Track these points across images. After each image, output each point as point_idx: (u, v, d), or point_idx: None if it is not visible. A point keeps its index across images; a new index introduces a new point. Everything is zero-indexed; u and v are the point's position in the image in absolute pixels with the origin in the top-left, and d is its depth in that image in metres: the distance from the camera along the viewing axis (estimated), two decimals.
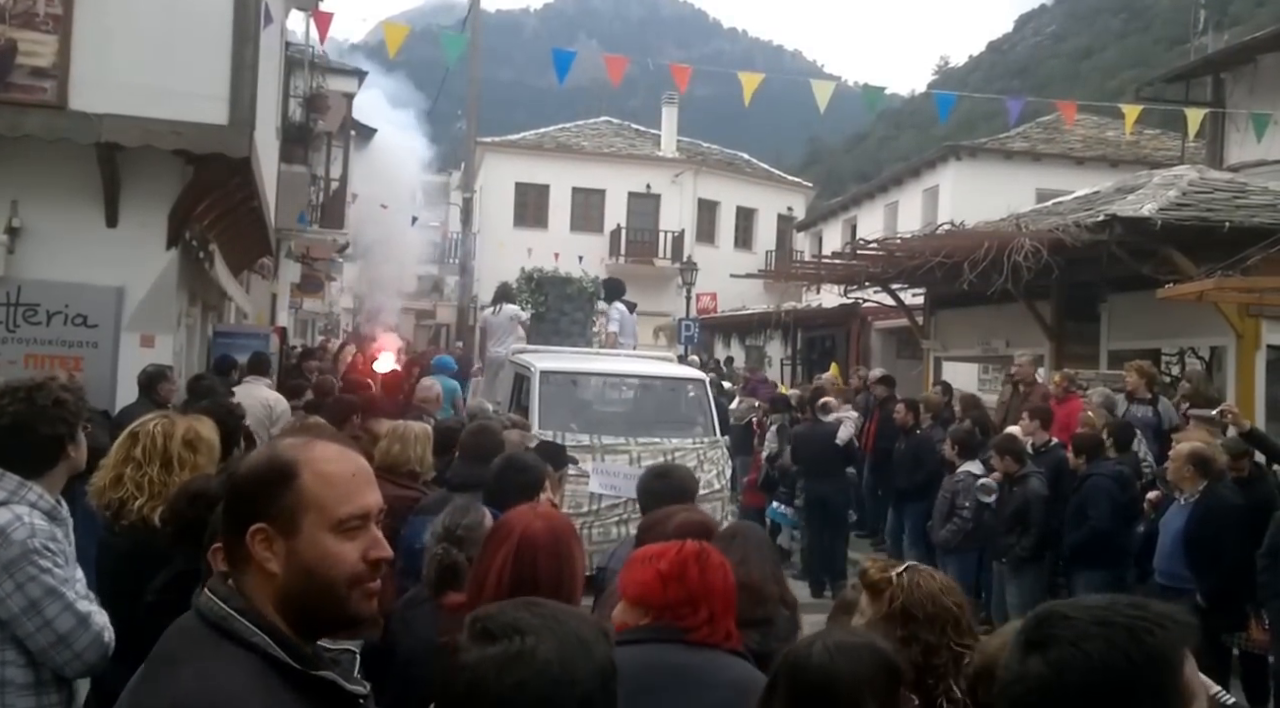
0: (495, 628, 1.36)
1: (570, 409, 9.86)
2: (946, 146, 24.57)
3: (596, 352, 12.37)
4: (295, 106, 14.90)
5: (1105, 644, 1.31)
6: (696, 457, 9.11)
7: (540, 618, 1.38)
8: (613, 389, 11.04)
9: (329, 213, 18.59)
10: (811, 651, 2.12)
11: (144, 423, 3.75)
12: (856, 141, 75.51)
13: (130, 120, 7.59)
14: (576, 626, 1.39)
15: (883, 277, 15.50)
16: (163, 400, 7.01)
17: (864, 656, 2.11)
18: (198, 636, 1.68)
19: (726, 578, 2.61)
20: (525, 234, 30.89)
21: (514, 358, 10.85)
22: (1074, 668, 1.31)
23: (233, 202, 9.73)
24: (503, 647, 1.34)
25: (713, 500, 8.81)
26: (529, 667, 1.32)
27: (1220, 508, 6.79)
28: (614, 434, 9.21)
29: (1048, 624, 1.36)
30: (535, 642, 1.34)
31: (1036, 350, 12.92)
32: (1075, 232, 10.65)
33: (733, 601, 2.61)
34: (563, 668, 1.33)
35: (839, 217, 30.02)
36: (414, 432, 5.55)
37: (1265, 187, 12.08)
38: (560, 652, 1.34)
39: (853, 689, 2.04)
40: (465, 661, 1.35)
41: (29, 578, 2.90)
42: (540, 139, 34.03)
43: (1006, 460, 8.27)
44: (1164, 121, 24.69)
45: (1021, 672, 1.35)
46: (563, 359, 10.73)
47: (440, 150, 38.65)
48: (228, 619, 1.66)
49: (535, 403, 9.29)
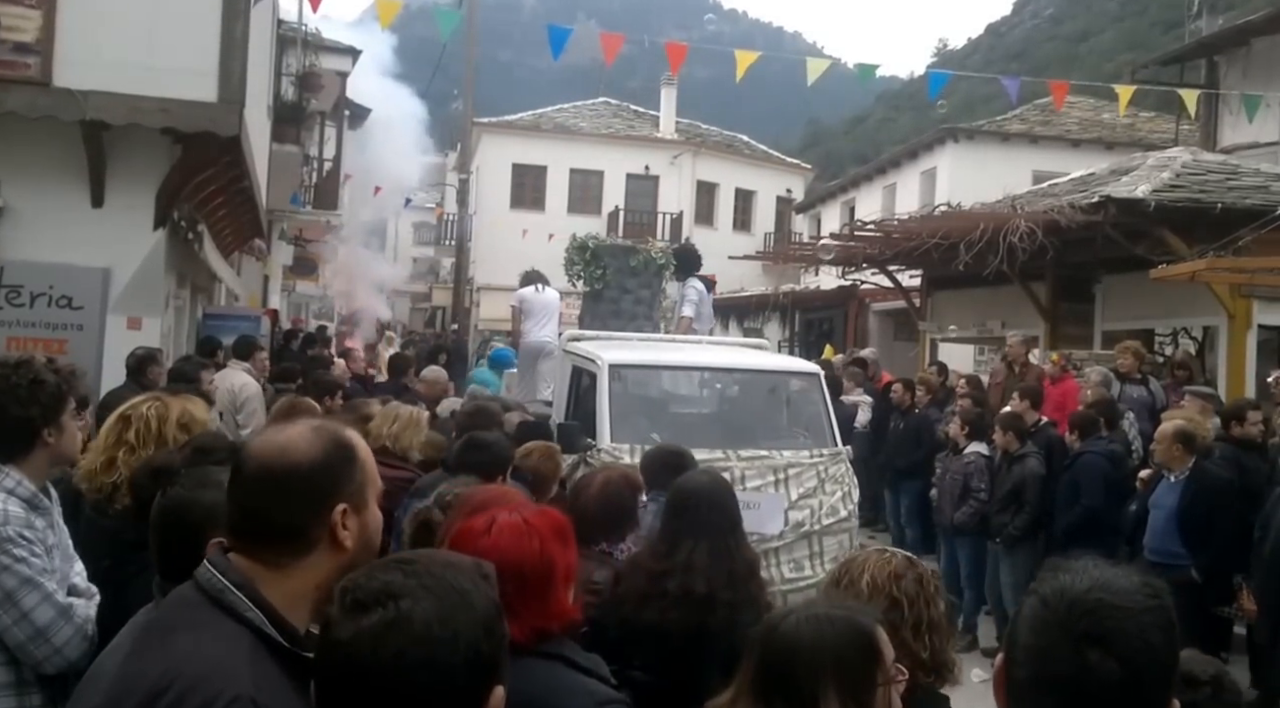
0: (366, 597, 1.29)
1: (649, 415, 7.90)
2: (944, 129, 24.48)
3: (671, 338, 9.85)
4: (287, 85, 14.77)
5: (1162, 634, 1.35)
6: (816, 475, 7.03)
7: (413, 576, 1.31)
8: (703, 388, 8.93)
9: (322, 194, 18.49)
10: (783, 621, 2.09)
11: (135, 406, 3.66)
12: (855, 124, 75.22)
13: (116, 97, 7.48)
14: (453, 577, 1.32)
15: (880, 258, 15.49)
16: (151, 384, 6.94)
17: (836, 628, 2.05)
18: (195, 607, 1.69)
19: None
20: (522, 216, 30.78)
21: (570, 347, 8.42)
22: (1143, 661, 1.33)
23: (222, 181, 9.62)
24: (377, 616, 1.27)
25: (839, 532, 6.90)
26: (407, 633, 1.26)
27: (1211, 484, 6.85)
28: (708, 447, 6.85)
29: (1103, 616, 1.35)
30: (411, 605, 1.28)
31: (1031, 331, 12.92)
32: (1070, 213, 10.67)
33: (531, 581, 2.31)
34: (443, 626, 1.27)
35: (837, 198, 29.93)
36: (406, 414, 5.53)
37: (1257, 168, 12.10)
38: (439, 609, 1.28)
39: (812, 661, 1.99)
40: (339, 636, 1.29)
41: (1, 568, 2.75)
42: (538, 120, 33.86)
43: (1009, 436, 8.28)
44: (1159, 104, 24.61)
45: (1086, 667, 1.33)
46: (634, 349, 8.49)
47: (437, 131, 38.53)
48: (225, 593, 1.67)
49: (604, 406, 7.04)
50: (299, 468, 1.74)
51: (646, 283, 11.66)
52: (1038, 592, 1.42)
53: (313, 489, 1.74)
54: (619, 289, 11.56)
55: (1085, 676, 1.32)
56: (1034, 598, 1.41)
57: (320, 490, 1.74)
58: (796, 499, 6.83)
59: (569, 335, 8.95)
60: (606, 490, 3.80)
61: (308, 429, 1.81)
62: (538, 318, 10.71)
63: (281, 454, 1.75)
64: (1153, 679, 1.34)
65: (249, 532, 1.75)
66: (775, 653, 2.04)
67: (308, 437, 1.78)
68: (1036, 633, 1.38)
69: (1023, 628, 1.41)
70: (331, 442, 1.78)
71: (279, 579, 1.71)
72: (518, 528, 2.33)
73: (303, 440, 1.77)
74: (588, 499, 3.75)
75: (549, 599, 2.32)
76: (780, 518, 6.65)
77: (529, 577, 2.28)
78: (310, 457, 1.75)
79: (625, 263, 11.63)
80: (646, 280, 11.67)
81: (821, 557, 6.84)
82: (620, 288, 11.55)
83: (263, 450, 1.78)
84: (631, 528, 3.91)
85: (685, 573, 3.41)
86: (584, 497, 3.77)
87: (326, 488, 1.74)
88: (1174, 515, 6.89)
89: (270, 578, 1.71)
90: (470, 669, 1.27)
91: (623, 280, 11.57)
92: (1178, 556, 6.80)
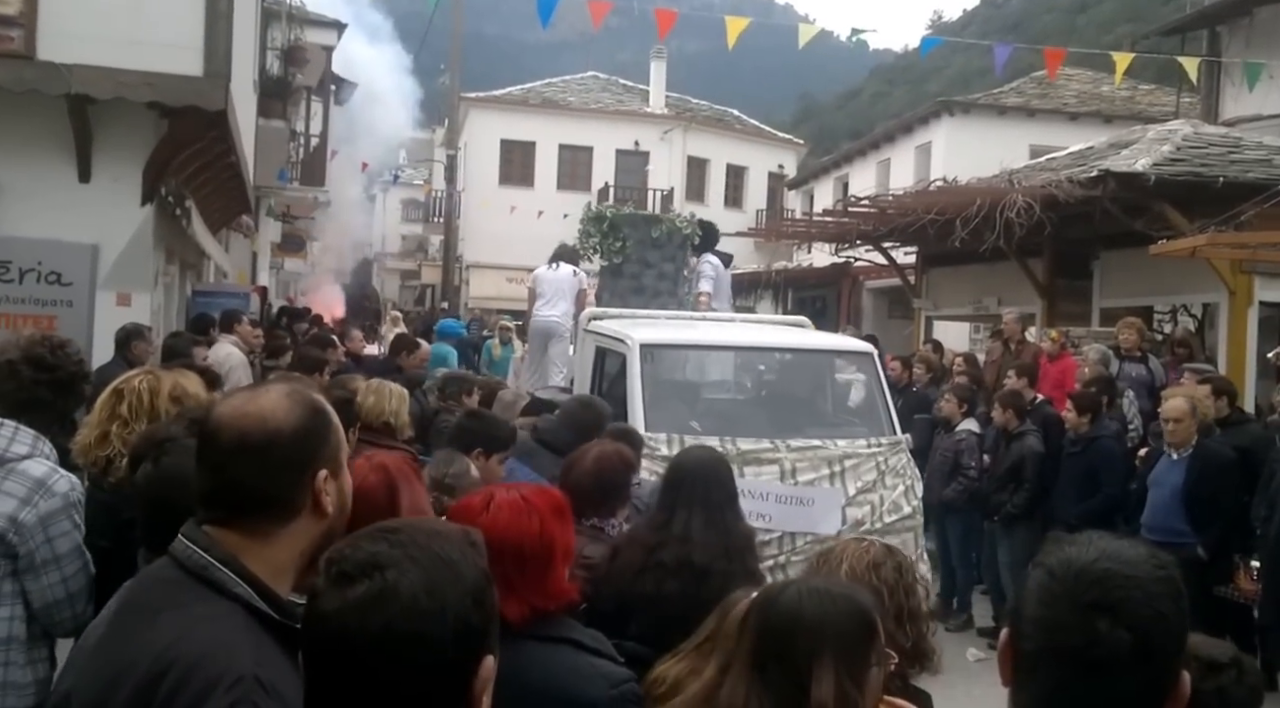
0: (352, 568, 1.24)
1: (686, 400, 7.27)
2: (939, 102, 24.38)
3: (703, 316, 9.16)
4: (273, 59, 14.59)
5: (1172, 603, 1.34)
6: (876, 467, 6.41)
7: (399, 547, 1.26)
8: (744, 370, 8.20)
9: (309, 170, 18.36)
10: (784, 592, 2.10)
11: (128, 379, 3.70)
12: (848, 98, 74.97)
13: (101, 71, 7.43)
14: (440, 546, 1.27)
15: (874, 235, 15.40)
16: (138, 360, 6.88)
17: (837, 604, 2.06)
18: (177, 585, 1.65)
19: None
20: (511, 192, 30.64)
21: (593, 327, 7.73)
22: (1154, 630, 1.32)
23: (209, 156, 9.56)
24: (364, 588, 1.22)
25: (902, 531, 6.25)
26: (394, 605, 1.21)
27: (1215, 462, 6.85)
28: (754, 436, 6.35)
29: (1111, 585, 1.33)
30: (397, 576, 1.23)
31: (1028, 309, 12.87)
32: (1068, 187, 10.57)
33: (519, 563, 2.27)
34: (431, 598, 1.22)
35: (830, 174, 29.85)
36: (389, 388, 5.50)
37: (1260, 141, 12.00)
38: (426, 580, 1.23)
39: (813, 635, 1.99)
40: (325, 609, 1.24)
41: (62, 532, 2.90)
42: (526, 94, 33.62)
43: (1008, 414, 8.23)
44: (1159, 77, 24.53)
45: (1095, 637, 1.31)
46: (666, 327, 7.77)
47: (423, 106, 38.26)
48: (208, 569, 1.64)
49: (636, 391, 6.40)
50: (281, 435, 1.71)
51: (670, 256, 10.59)
52: (1044, 564, 1.40)
53: (296, 456, 1.72)
54: (640, 263, 10.49)
55: (1095, 645, 1.31)
56: (1041, 570, 1.39)
57: (303, 457, 1.72)
58: (855, 494, 6.20)
59: (590, 314, 8.25)
60: (599, 465, 3.77)
61: (282, 396, 1.77)
62: (548, 296, 9.94)
63: (262, 422, 1.71)
64: (1163, 648, 1.33)
65: (229, 503, 1.71)
66: (776, 624, 2.05)
67: (284, 403, 1.74)
68: (1044, 604, 1.36)
69: (1029, 600, 1.39)
70: (308, 407, 1.76)
71: (262, 550, 1.68)
72: (517, 506, 2.31)
73: (280, 408, 1.73)
74: (580, 474, 3.74)
75: (548, 579, 2.30)
76: (837, 516, 6.04)
77: (528, 556, 2.26)
78: (291, 423, 1.72)
79: (647, 234, 10.55)
80: (670, 253, 10.60)
81: None
82: (641, 261, 10.49)
83: (239, 419, 1.72)
84: (623, 504, 3.90)
85: (681, 544, 3.40)
86: (576, 471, 3.76)
87: (308, 454, 1.73)
88: (1177, 494, 6.88)
89: (253, 549, 1.68)
90: (459, 640, 1.24)
91: (644, 253, 10.50)
92: (1180, 534, 6.78)
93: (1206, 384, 7.62)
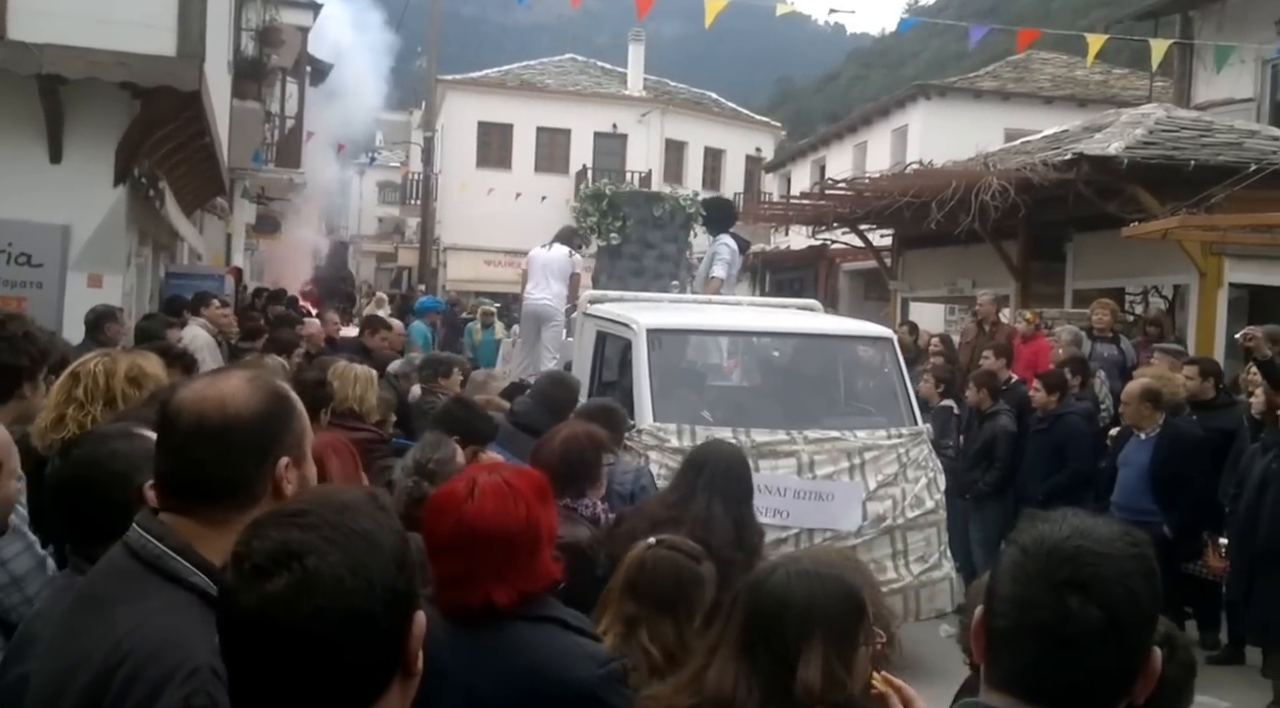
0: (266, 560, 1.19)
1: (697, 389, 6.95)
2: (915, 86, 24.41)
3: (709, 300, 8.66)
4: (247, 40, 14.44)
5: (1144, 580, 1.35)
6: (897, 459, 6.13)
7: (312, 530, 1.21)
8: (755, 357, 7.83)
9: (284, 151, 18.23)
10: (773, 574, 2.10)
11: (85, 362, 3.60)
12: (825, 82, 74.90)
13: (73, 51, 7.36)
14: (352, 520, 1.24)
15: (851, 217, 15.45)
16: (109, 341, 6.80)
17: (826, 586, 2.07)
18: (132, 575, 1.62)
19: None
20: (489, 174, 30.48)
21: (594, 310, 7.31)
22: (1125, 607, 1.33)
23: (183, 137, 9.49)
24: (284, 579, 1.17)
25: (925, 527, 6.11)
26: (320, 591, 1.17)
27: (1182, 441, 6.92)
28: (769, 427, 6.01)
29: (1083, 563, 1.34)
30: (317, 561, 1.18)
31: (1002, 290, 12.95)
32: (1042, 170, 10.64)
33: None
34: (356, 576, 1.19)
35: (808, 157, 29.86)
36: (356, 372, 5.43)
37: (1231, 125, 12.11)
38: (347, 559, 1.20)
39: (803, 616, 2.00)
40: (246, 604, 1.19)
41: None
42: (503, 77, 33.42)
43: (982, 393, 8.31)
44: (1132, 61, 24.65)
45: (1067, 613, 1.32)
46: (672, 311, 7.38)
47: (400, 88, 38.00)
48: (163, 558, 1.62)
49: (644, 379, 6.04)
50: (241, 419, 1.68)
51: (672, 236, 10.04)
52: (1017, 541, 1.41)
53: (257, 441, 1.69)
54: (640, 244, 9.88)
55: (1067, 622, 1.31)
56: (1014, 547, 1.40)
57: (264, 442, 1.70)
58: (875, 488, 5.94)
59: (590, 296, 7.82)
60: (567, 446, 3.79)
61: (244, 381, 1.74)
62: (539, 277, 9.43)
63: (221, 406, 1.68)
64: (1134, 625, 1.34)
65: (187, 488, 1.68)
66: (765, 605, 2.06)
67: (245, 388, 1.72)
68: (1017, 581, 1.37)
69: (1003, 577, 1.40)
70: (270, 393, 1.74)
71: (218, 537, 1.62)
72: (501, 491, 2.28)
73: (241, 392, 1.71)
74: (548, 455, 3.74)
75: (534, 562, 2.28)
76: (858, 511, 5.78)
77: (516, 542, 2.24)
78: (252, 408, 1.70)
79: (648, 213, 9.96)
80: (672, 234, 10.05)
81: (906, 556, 6.01)
82: (642, 242, 9.88)
83: (199, 403, 1.69)
84: (594, 484, 3.91)
85: (702, 526, 3.46)
86: (544, 452, 3.77)
87: (270, 440, 1.70)
88: (1144, 473, 6.97)
89: (209, 536, 1.64)
90: (390, 608, 1.22)
91: (645, 233, 9.90)
92: (1147, 512, 6.87)
93: (1194, 366, 7.70)
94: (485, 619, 2.21)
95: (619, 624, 2.59)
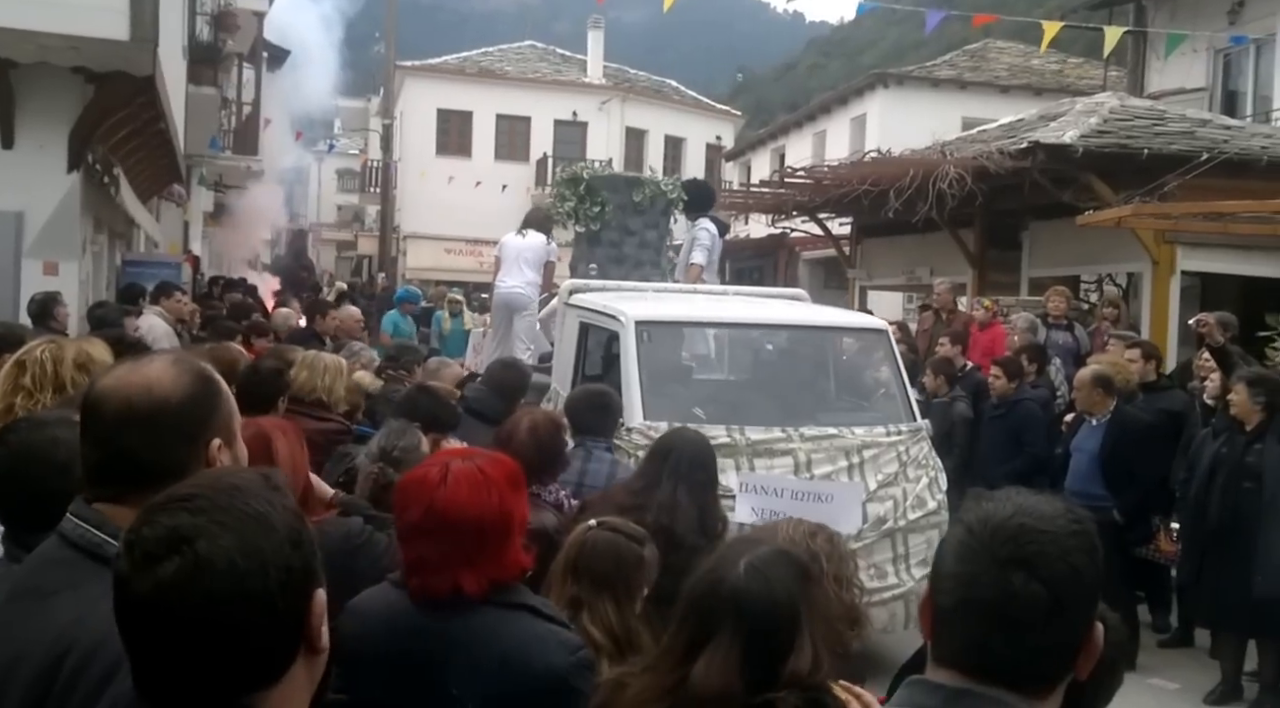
0: (156, 547, 1.18)
1: (688, 384, 6.68)
2: (873, 75, 24.54)
3: (693, 289, 8.24)
4: (202, 25, 14.24)
5: (1086, 557, 1.36)
6: (897, 458, 5.85)
7: (202, 514, 1.20)
8: (746, 350, 7.54)
9: (242, 138, 18.00)
10: (740, 575, 1.98)
11: (30, 350, 3.50)
12: (785, 70, 75.08)
13: (23, 34, 7.25)
14: (243, 502, 1.23)
15: (810, 206, 15.53)
16: (60, 328, 6.69)
17: (788, 567, 2.03)
18: (70, 565, 1.59)
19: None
20: (448, 162, 30.30)
21: (576, 300, 6.94)
22: (1067, 584, 1.35)
23: (138, 123, 9.36)
24: (175, 565, 1.17)
25: (927, 529, 5.81)
26: (211, 575, 1.17)
27: (1132, 427, 6.99)
28: (764, 424, 5.72)
29: (1025, 541, 1.35)
30: (208, 545, 1.17)
31: (960, 278, 13.09)
32: (999, 159, 10.75)
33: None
34: (248, 559, 1.18)
35: (767, 146, 29.95)
36: (325, 362, 5.32)
37: (1183, 114, 12.29)
38: (239, 542, 1.19)
39: (790, 603, 1.96)
40: (138, 590, 1.18)
41: None
42: (462, 63, 33.16)
43: (939, 380, 8.40)
44: (1087, 50, 24.93)
45: (1011, 591, 1.33)
46: (659, 302, 7.03)
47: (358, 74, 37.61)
48: (103, 547, 1.57)
49: (632, 374, 5.72)
50: (170, 403, 1.65)
51: (653, 222, 9.54)
52: (962, 520, 1.42)
53: (187, 424, 1.67)
54: (620, 230, 9.39)
55: (1010, 599, 1.33)
56: (959, 526, 1.42)
57: (194, 425, 1.67)
58: (876, 489, 5.65)
59: (570, 286, 7.42)
60: (536, 433, 3.80)
61: (168, 364, 1.72)
62: (510, 265, 9.02)
63: (148, 390, 1.66)
64: (1076, 602, 1.36)
65: (118, 476, 1.64)
66: (755, 611, 1.95)
67: (171, 372, 1.69)
68: (961, 559, 1.38)
69: (948, 555, 1.41)
70: (197, 375, 1.71)
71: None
72: (474, 479, 2.27)
73: (167, 376, 1.68)
74: (519, 444, 3.73)
75: (505, 550, 2.27)
76: (858, 513, 5.43)
77: (488, 530, 2.23)
78: (179, 391, 1.67)
79: (628, 198, 9.41)
80: (653, 220, 9.55)
81: (908, 560, 5.76)
82: (622, 229, 9.39)
83: (125, 389, 1.66)
84: (559, 470, 3.91)
85: (667, 512, 3.49)
86: (515, 442, 3.76)
87: (200, 422, 1.68)
88: (1096, 458, 7.05)
89: None
90: (286, 589, 1.21)
91: (624, 219, 9.40)
92: (1099, 497, 6.93)
93: (1136, 349, 7.82)
94: (456, 607, 2.21)
95: (563, 606, 2.58)
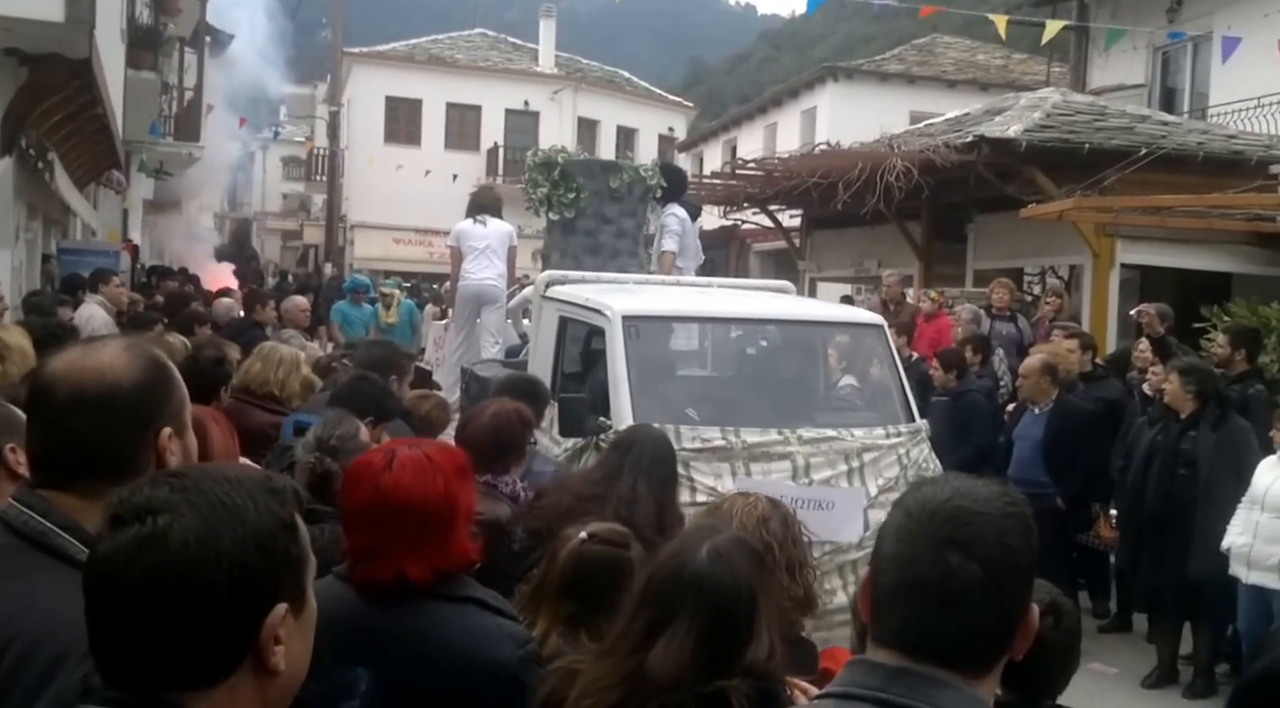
0: (126, 512, 1.21)
1: (678, 384, 6.36)
2: (824, 68, 24.72)
3: (676, 281, 7.88)
4: (142, 7, 13.93)
5: (1021, 538, 1.40)
6: (898, 461, 5.52)
7: (180, 492, 1.22)
8: (740, 347, 7.18)
9: (183, 124, 17.67)
10: (703, 560, 2.00)
11: None
12: (737, 62, 75.31)
13: None
14: (225, 491, 1.23)
15: (761, 198, 15.59)
16: None
17: (746, 551, 2.06)
18: (13, 552, 1.56)
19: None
20: (397, 151, 30.01)
21: (555, 293, 6.55)
22: (1003, 564, 1.38)
23: (74, 107, 9.15)
24: (133, 531, 1.19)
25: None
26: (160, 550, 1.17)
27: (1074, 415, 7.11)
28: (760, 426, 5.40)
29: (962, 522, 1.38)
30: (169, 521, 1.19)
31: (907, 271, 13.23)
32: (945, 152, 10.87)
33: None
34: (202, 544, 1.18)
35: (719, 137, 30.04)
36: (281, 354, 5.23)
37: (1124, 109, 12.51)
38: (200, 526, 1.19)
39: (750, 590, 1.98)
40: (100, 551, 1.22)
41: None
42: (411, 50, 32.82)
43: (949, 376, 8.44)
44: (1032, 46, 25.23)
45: (948, 570, 1.36)
46: (644, 295, 6.58)
47: (304, 60, 37.07)
48: (48, 535, 1.56)
49: (620, 373, 5.38)
50: (122, 389, 1.63)
51: (630, 210, 8.99)
52: (902, 503, 1.45)
53: (137, 412, 1.64)
54: (597, 218, 8.83)
55: (947, 579, 1.36)
56: (899, 509, 1.45)
57: (145, 413, 1.65)
58: (877, 494, 5.28)
59: (547, 278, 6.95)
60: (497, 421, 3.77)
61: (121, 349, 1.69)
62: (479, 255, 8.60)
63: (101, 376, 1.63)
64: (1011, 582, 1.39)
65: (66, 463, 1.62)
66: (718, 597, 1.96)
67: (124, 357, 1.66)
68: (900, 541, 1.41)
69: (887, 537, 1.44)
70: (149, 361, 1.69)
71: (99, 512, 1.55)
72: (420, 465, 2.26)
73: (120, 361, 1.65)
74: (477, 429, 3.72)
75: (451, 539, 2.26)
76: (859, 520, 5.15)
77: (432, 516, 2.22)
78: (132, 377, 1.65)
79: (604, 184, 8.84)
80: (631, 207, 9.00)
81: None
82: (598, 216, 8.82)
83: (77, 373, 1.63)
84: (519, 461, 3.89)
85: (626, 505, 3.47)
86: (473, 427, 3.74)
87: (150, 410, 1.66)
88: (1038, 446, 7.16)
89: (92, 512, 1.54)
90: (235, 587, 1.19)
91: (601, 207, 8.84)
92: (1041, 485, 7.05)
93: (1074, 339, 7.94)
94: (402, 598, 2.20)
95: (561, 624, 2.55)
